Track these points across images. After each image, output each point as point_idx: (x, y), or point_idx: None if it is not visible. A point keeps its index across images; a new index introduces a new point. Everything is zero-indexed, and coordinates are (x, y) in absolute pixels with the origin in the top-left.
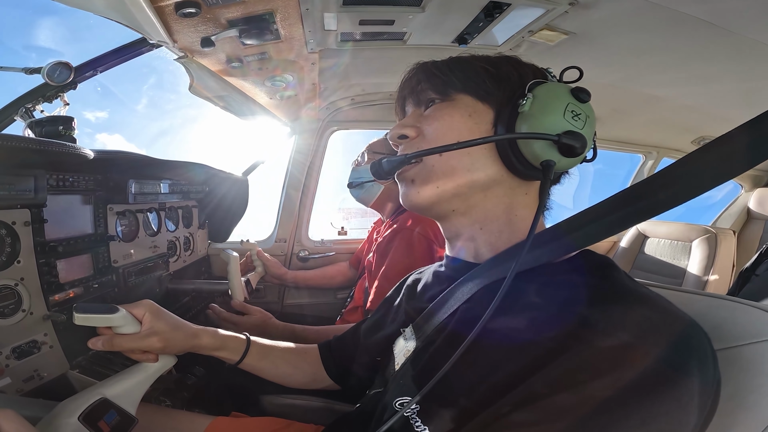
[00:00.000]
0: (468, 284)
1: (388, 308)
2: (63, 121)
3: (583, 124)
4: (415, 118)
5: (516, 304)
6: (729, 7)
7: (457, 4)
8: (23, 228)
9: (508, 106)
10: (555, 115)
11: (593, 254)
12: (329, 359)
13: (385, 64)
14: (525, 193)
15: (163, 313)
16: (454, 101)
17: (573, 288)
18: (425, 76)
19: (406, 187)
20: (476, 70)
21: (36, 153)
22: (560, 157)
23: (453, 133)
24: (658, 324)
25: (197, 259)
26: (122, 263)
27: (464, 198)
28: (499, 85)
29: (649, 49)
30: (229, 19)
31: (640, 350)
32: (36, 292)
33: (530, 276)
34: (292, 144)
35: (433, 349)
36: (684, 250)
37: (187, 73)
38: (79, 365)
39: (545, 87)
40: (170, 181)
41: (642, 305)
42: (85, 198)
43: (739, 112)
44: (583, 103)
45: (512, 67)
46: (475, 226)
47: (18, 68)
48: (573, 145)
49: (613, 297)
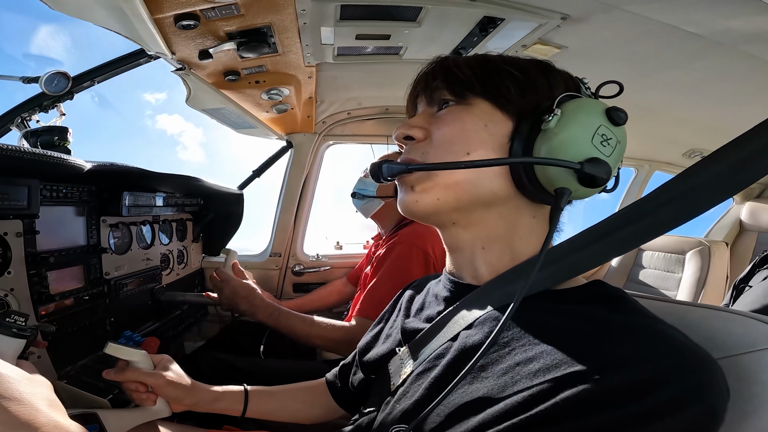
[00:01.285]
0: (468, 308)
1: (384, 323)
2: (58, 131)
3: (612, 151)
4: (425, 119)
5: (521, 334)
6: (717, 21)
7: (452, 19)
8: (15, 239)
9: (530, 120)
10: (582, 138)
11: (603, 284)
12: (337, 389)
13: (381, 78)
14: (532, 215)
15: (175, 365)
16: (470, 106)
17: (585, 320)
18: (443, 72)
19: (404, 192)
20: (501, 73)
21: (30, 163)
22: (578, 186)
23: (463, 142)
24: (679, 362)
25: (191, 272)
26: (114, 275)
27: (465, 213)
28: (524, 94)
29: (640, 61)
30: (227, 31)
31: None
32: (26, 303)
33: (535, 303)
34: (288, 157)
35: (433, 377)
36: (678, 263)
37: (185, 85)
38: (68, 375)
39: (576, 103)
40: (165, 194)
41: (660, 342)
42: (79, 209)
43: (728, 124)
44: (617, 126)
45: (542, 74)
46: (476, 244)
47: (16, 77)
48: (595, 175)
49: (630, 333)
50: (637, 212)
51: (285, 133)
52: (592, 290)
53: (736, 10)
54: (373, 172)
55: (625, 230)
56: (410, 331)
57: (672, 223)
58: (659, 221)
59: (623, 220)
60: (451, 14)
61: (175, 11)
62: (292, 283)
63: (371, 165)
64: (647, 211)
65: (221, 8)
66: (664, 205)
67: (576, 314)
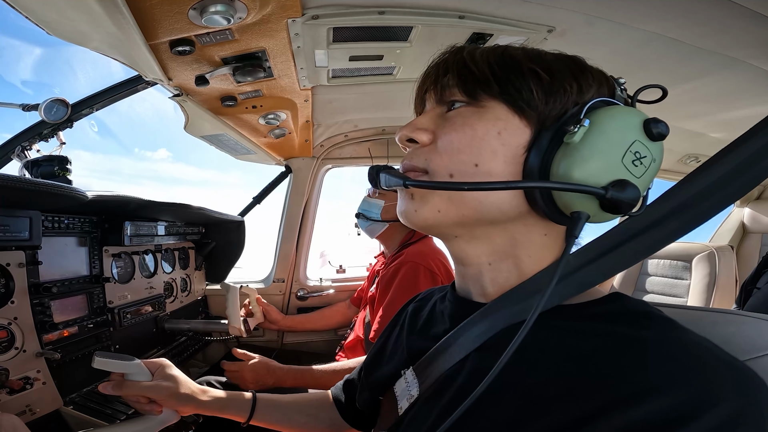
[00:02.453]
0: (477, 327)
1: (386, 340)
2: (59, 161)
3: (644, 171)
4: (432, 120)
5: (542, 357)
6: (697, 27)
7: (442, 37)
8: (17, 269)
9: (552, 129)
10: (611, 156)
11: (624, 297)
12: (343, 405)
13: (376, 100)
14: (543, 233)
15: (174, 369)
16: (484, 109)
17: (610, 339)
18: (456, 66)
19: (404, 200)
20: (524, 73)
21: (31, 194)
22: (598, 211)
23: (471, 152)
24: (724, 382)
25: (194, 299)
26: (117, 304)
27: (469, 228)
28: (548, 99)
29: (627, 70)
30: (222, 57)
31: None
32: (29, 331)
33: (548, 320)
34: (287, 183)
35: (444, 403)
36: (685, 269)
37: (183, 112)
38: (73, 402)
39: (609, 113)
40: (166, 223)
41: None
42: (81, 240)
43: (718, 128)
44: (654, 142)
45: (572, 75)
46: (481, 259)
47: (16, 104)
48: (621, 200)
49: (664, 351)
50: (645, 223)
51: (284, 158)
52: (613, 305)
53: (714, 14)
54: (371, 177)
55: (634, 241)
56: (416, 351)
57: (680, 232)
58: (667, 231)
59: (631, 232)
60: (441, 32)
61: (170, 37)
62: (296, 308)
63: (369, 168)
64: (655, 221)
65: (215, 34)
66: (671, 215)
67: (597, 332)
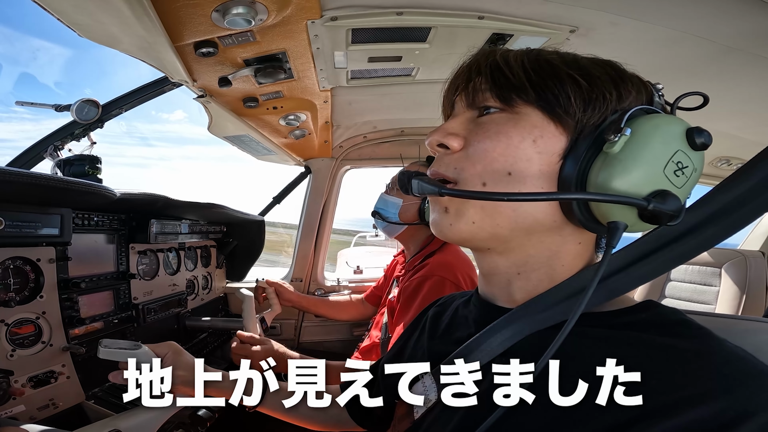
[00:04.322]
0: (501, 333)
1: (406, 342)
2: (90, 160)
3: (685, 181)
4: (463, 125)
5: (570, 367)
6: (726, 25)
7: (461, 38)
8: (47, 265)
9: (591, 136)
10: (653, 166)
11: (658, 306)
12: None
13: (395, 101)
14: (578, 242)
15: (184, 353)
16: (519, 116)
17: (646, 348)
18: (489, 69)
19: (438, 215)
20: (561, 79)
21: (63, 192)
22: (636, 221)
23: (506, 161)
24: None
25: (215, 297)
26: (142, 300)
27: (504, 240)
28: (587, 107)
29: (652, 70)
30: (244, 58)
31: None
32: (57, 325)
33: (581, 328)
34: (307, 183)
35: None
36: (714, 275)
37: (206, 112)
38: (95, 396)
39: (651, 122)
40: (190, 221)
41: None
42: (109, 237)
43: (750, 130)
44: (697, 152)
45: (611, 81)
46: (511, 270)
47: (49, 105)
48: (662, 211)
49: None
50: (680, 230)
51: (303, 158)
52: (647, 313)
53: (743, 12)
54: (401, 183)
55: (667, 249)
56: (437, 355)
57: (715, 240)
58: (702, 238)
59: (665, 240)
60: (460, 33)
61: (194, 39)
62: None
63: (399, 173)
64: (690, 228)
65: (237, 35)
66: (708, 222)
67: (631, 341)
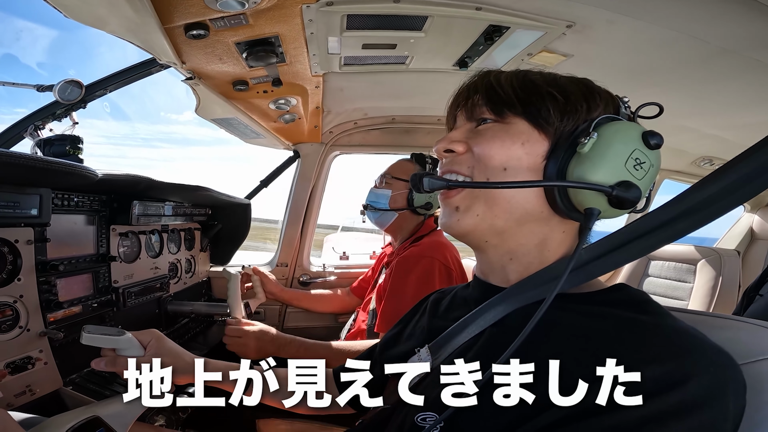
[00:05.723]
0: (496, 307)
1: (405, 325)
2: (71, 140)
3: (644, 174)
4: (464, 134)
5: (554, 332)
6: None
7: (457, 28)
8: (25, 246)
9: (567, 141)
10: (615, 162)
11: (627, 287)
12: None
13: (387, 89)
14: (562, 231)
15: (167, 341)
16: (509, 125)
17: (614, 321)
18: (485, 88)
19: (449, 214)
20: (542, 95)
21: (42, 172)
22: (607, 207)
23: (501, 159)
24: (707, 360)
25: (198, 281)
26: (122, 284)
27: (499, 231)
28: (563, 117)
29: (646, 69)
30: (236, 41)
31: (688, 379)
32: (34, 310)
33: (564, 303)
34: (294, 168)
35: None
36: (689, 272)
37: (194, 94)
38: (73, 383)
39: (613, 127)
40: (174, 204)
41: (687, 340)
42: (89, 218)
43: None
44: (652, 150)
45: (582, 96)
46: (505, 257)
47: (30, 85)
48: (625, 198)
49: (659, 332)
50: (654, 223)
51: (292, 143)
52: (618, 293)
53: (739, 14)
54: (413, 182)
55: (642, 239)
56: (435, 329)
57: (685, 232)
58: (675, 230)
59: (639, 232)
60: (457, 24)
61: (185, 21)
62: None
63: (412, 176)
64: (663, 222)
65: (230, 18)
66: (680, 217)
67: (604, 314)
